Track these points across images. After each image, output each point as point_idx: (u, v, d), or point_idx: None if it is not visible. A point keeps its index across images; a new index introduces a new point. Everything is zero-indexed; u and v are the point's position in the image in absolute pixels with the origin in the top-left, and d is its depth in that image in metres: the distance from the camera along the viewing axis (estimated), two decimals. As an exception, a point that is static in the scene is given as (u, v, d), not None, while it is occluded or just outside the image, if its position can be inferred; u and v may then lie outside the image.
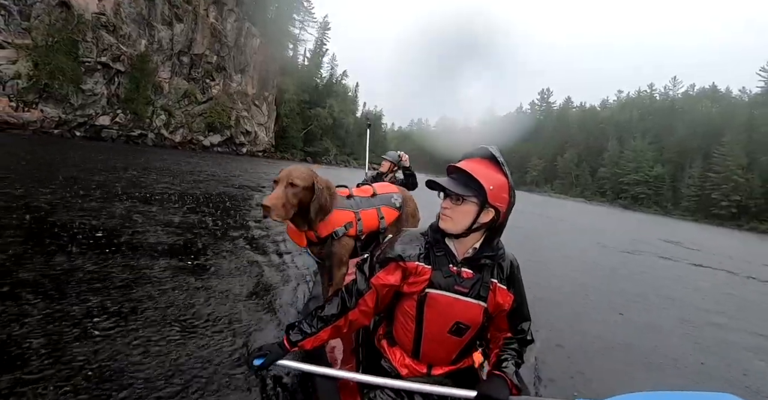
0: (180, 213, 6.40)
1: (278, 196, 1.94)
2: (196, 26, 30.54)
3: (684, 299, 6.28)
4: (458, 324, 1.47)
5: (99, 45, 24.16)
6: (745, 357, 4.06)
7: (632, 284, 6.82)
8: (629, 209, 58.21)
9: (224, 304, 3.19)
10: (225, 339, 2.60)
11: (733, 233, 39.98)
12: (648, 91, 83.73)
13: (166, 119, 28.99)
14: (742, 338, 4.66)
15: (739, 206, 52.72)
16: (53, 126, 22.44)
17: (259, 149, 39.02)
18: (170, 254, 4.20)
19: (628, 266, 8.72)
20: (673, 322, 4.89)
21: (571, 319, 4.39)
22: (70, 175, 8.31)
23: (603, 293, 5.84)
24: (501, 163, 1.42)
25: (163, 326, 2.63)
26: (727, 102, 70.83)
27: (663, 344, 4.05)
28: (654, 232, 22.33)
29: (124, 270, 3.53)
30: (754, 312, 6.16)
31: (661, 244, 15.19)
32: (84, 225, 4.70)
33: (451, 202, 1.42)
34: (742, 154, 54.55)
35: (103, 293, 2.98)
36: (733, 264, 11.87)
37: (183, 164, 16.99)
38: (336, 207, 2.28)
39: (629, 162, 67.50)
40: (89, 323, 2.51)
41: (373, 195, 2.56)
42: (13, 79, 20.86)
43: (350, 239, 2.34)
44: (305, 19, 57.75)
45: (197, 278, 3.67)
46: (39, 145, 16.02)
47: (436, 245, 1.49)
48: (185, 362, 2.24)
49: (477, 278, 1.47)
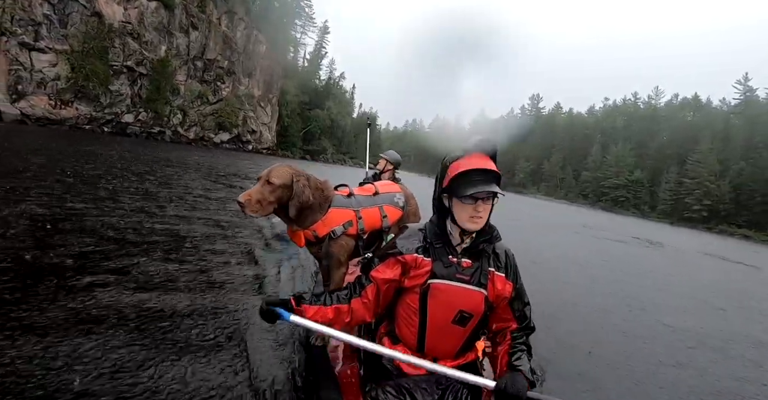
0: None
1: (252, 192, 1.98)
2: (210, 33, 33.42)
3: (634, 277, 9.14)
4: (462, 313, 1.49)
5: (125, 50, 26.98)
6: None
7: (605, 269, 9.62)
8: (609, 211, 61.52)
9: (221, 303, 3.20)
10: (224, 339, 2.63)
11: (702, 234, 43.34)
12: (632, 100, 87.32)
13: (182, 118, 31.87)
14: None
15: (710, 210, 56.27)
16: (85, 122, 25.17)
17: (263, 147, 41.91)
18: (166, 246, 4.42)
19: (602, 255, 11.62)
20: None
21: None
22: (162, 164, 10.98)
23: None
24: (495, 154, 1.48)
25: (161, 323, 2.69)
26: (707, 112, 74.16)
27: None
28: (628, 230, 25.54)
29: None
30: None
31: (629, 238, 18.31)
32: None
33: (484, 203, 1.43)
34: (715, 162, 58.13)
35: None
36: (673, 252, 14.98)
37: (220, 159, 19.62)
38: (334, 206, 2.28)
39: (611, 167, 71.01)
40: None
41: (376, 194, 2.54)
42: (54, 80, 23.61)
43: (349, 239, 2.33)
44: (306, 24, 60.80)
45: (189, 270, 3.82)
46: (91, 139, 18.76)
47: (435, 238, 1.52)
48: (185, 363, 2.26)
49: (476, 266, 1.50)
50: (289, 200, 2.07)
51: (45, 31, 23.15)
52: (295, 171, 2.12)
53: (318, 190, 2.19)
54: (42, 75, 23.14)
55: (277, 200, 2.05)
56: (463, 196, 1.41)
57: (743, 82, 70.02)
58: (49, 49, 23.29)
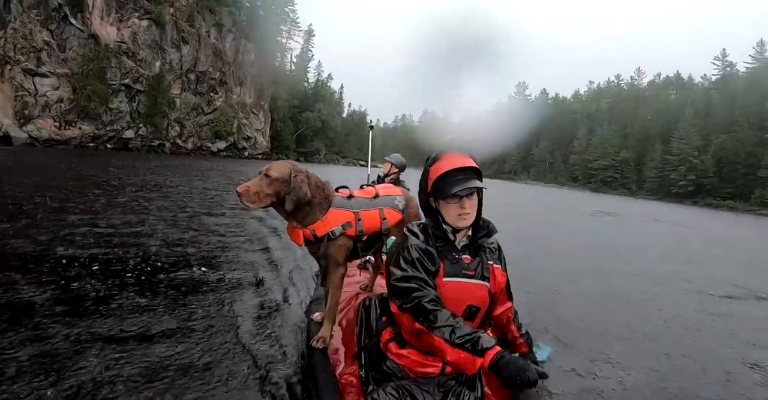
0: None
1: (250, 184, 2.07)
2: (200, 47, 34.65)
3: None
4: (470, 307, 1.53)
5: (122, 69, 28.20)
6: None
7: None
8: (598, 192, 63.19)
9: (222, 306, 3.27)
10: (226, 339, 2.69)
11: (688, 208, 45.14)
12: (615, 82, 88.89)
13: (180, 130, 33.14)
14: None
15: (695, 184, 58.06)
16: (89, 141, 26.42)
17: (258, 152, 43.21)
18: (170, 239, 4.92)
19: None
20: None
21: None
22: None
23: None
24: (472, 155, 1.53)
25: (165, 326, 2.79)
26: (689, 89, 75.67)
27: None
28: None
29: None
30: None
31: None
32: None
33: (468, 200, 1.48)
34: (697, 138, 59.88)
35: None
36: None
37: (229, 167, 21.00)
38: (334, 207, 2.31)
39: (597, 148, 72.71)
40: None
41: (376, 196, 2.53)
42: (57, 103, 24.84)
43: (348, 240, 2.35)
44: (291, 29, 61.92)
45: (193, 273, 3.95)
46: (102, 157, 20.05)
47: (436, 240, 1.54)
48: (190, 364, 2.35)
49: (477, 261, 1.56)
50: (287, 194, 2.14)
51: (45, 56, 24.38)
52: (294, 167, 2.21)
53: (318, 189, 2.26)
54: (46, 99, 24.40)
55: (275, 194, 2.13)
56: (447, 197, 1.48)
57: (721, 58, 71.88)
58: (50, 73, 24.53)
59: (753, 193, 51.71)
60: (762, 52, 66.53)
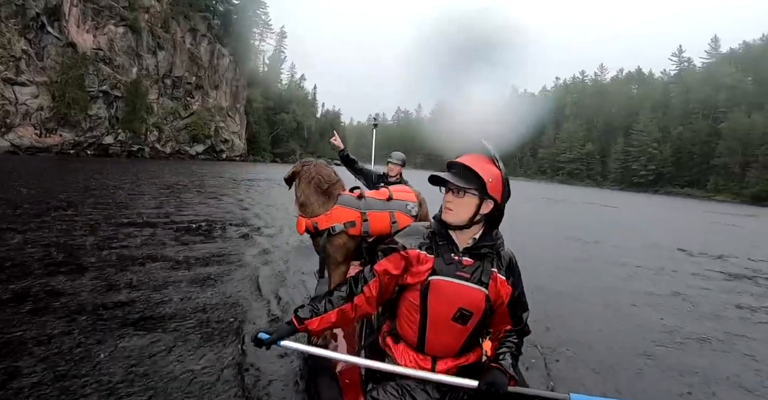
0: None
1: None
2: (176, 52, 35.31)
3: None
4: (462, 310, 1.48)
5: (99, 76, 28.68)
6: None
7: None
8: (566, 184, 66.03)
9: (223, 301, 3.29)
10: (226, 339, 2.71)
11: (649, 196, 48.04)
12: (581, 78, 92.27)
13: (158, 134, 33.76)
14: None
15: (655, 173, 61.52)
16: (70, 147, 26.87)
17: (236, 154, 44.01)
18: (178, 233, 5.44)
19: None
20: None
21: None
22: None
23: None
24: (495, 158, 1.48)
25: (162, 327, 2.85)
26: (649, 84, 79.43)
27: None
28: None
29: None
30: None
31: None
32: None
33: (453, 195, 1.47)
34: (656, 129, 63.36)
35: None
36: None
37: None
38: (340, 204, 2.34)
39: (563, 142, 75.79)
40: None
41: (389, 199, 2.52)
42: (37, 111, 25.22)
43: (350, 239, 2.34)
44: (264, 31, 62.57)
45: (193, 272, 4.05)
46: (94, 164, 20.70)
47: (438, 236, 1.53)
48: (183, 363, 2.35)
49: (477, 265, 1.50)
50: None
51: (24, 65, 24.71)
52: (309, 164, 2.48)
53: (316, 186, 2.37)
54: (26, 107, 24.77)
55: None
56: (439, 185, 1.52)
57: (678, 53, 75.98)
58: (30, 82, 24.88)
59: (708, 180, 55.28)
60: (716, 47, 70.90)
